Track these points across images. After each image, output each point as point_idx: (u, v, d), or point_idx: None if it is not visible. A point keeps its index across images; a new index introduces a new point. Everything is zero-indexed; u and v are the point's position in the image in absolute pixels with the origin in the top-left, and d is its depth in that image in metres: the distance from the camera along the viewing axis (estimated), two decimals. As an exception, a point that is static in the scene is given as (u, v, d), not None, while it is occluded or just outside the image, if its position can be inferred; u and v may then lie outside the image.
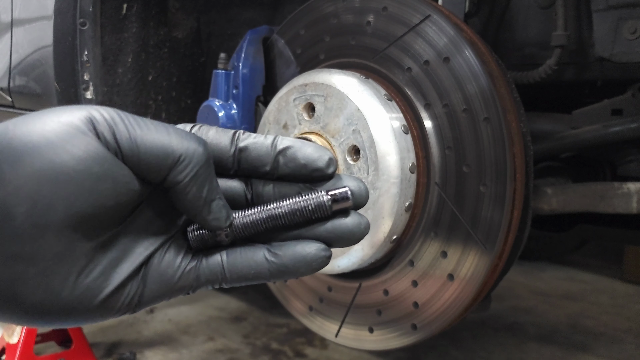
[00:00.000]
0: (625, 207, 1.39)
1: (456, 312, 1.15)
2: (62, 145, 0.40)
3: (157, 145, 0.42)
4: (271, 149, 0.47)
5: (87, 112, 0.42)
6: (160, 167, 0.43)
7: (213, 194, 0.45)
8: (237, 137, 0.48)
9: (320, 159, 0.47)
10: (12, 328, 1.85)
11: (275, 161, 0.47)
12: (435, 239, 1.17)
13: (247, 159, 0.48)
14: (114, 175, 0.41)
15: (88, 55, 1.53)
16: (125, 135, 0.42)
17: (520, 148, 1.12)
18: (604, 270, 3.26)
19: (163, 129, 0.43)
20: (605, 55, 1.32)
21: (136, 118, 0.43)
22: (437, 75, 1.14)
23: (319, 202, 0.46)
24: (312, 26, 1.37)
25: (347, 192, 0.46)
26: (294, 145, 0.48)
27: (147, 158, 0.42)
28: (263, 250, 0.47)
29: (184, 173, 0.43)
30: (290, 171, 0.48)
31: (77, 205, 0.40)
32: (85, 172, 0.40)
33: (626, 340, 2.32)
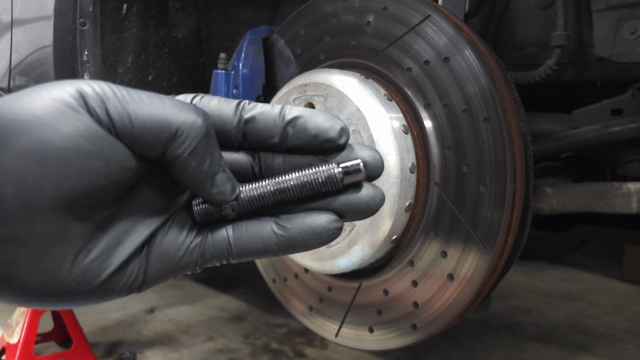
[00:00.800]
0: (625, 207, 1.39)
1: (456, 312, 1.15)
2: (50, 123, 0.38)
3: (152, 119, 0.40)
4: (279, 119, 0.45)
5: (77, 86, 0.40)
6: (156, 142, 0.40)
7: (216, 166, 0.42)
8: (241, 107, 0.45)
9: (331, 128, 0.44)
10: (12, 328, 1.85)
11: (284, 132, 0.45)
12: (435, 239, 1.17)
13: (254, 131, 0.45)
14: (105, 152, 0.39)
15: (88, 56, 1.53)
16: (118, 109, 0.40)
17: (520, 148, 1.12)
18: (604, 270, 3.26)
19: (158, 101, 0.41)
20: (605, 55, 1.32)
21: (129, 90, 0.41)
22: (437, 75, 1.14)
23: (330, 174, 0.44)
24: (312, 26, 1.37)
25: (360, 164, 0.44)
26: (303, 114, 0.45)
27: (141, 133, 0.40)
28: (271, 223, 0.45)
29: (182, 147, 0.41)
30: (300, 142, 0.45)
31: (66, 186, 0.38)
32: (74, 151, 0.38)
33: (626, 340, 2.32)
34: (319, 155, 0.45)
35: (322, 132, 0.44)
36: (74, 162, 0.38)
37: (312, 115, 0.45)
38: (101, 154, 0.39)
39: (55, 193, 0.38)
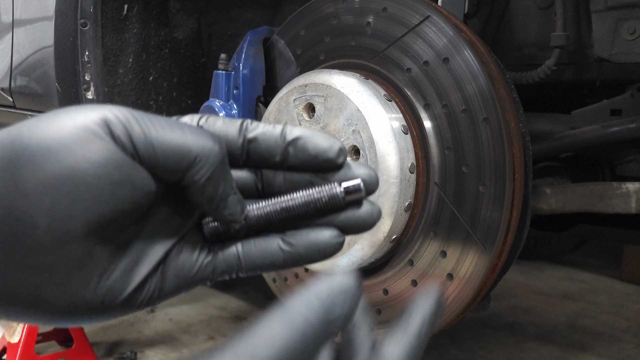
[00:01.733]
0: (624, 207, 1.40)
1: (455, 311, 1.16)
2: (79, 152, 0.39)
3: (173, 146, 0.42)
4: (280, 139, 0.47)
5: (101, 113, 0.41)
6: (176, 168, 0.42)
7: (228, 190, 0.44)
8: (245, 127, 0.47)
9: (330, 149, 0.46)
10: (13, 327, 1.86)
11: (285, 152, 0.47)
12: (435, 239, 1.17)
13: (256, 150, 0.47)
14: (132, 179, 0.41)
15: (89, 56, 1.53)
16: (141, 137, 0.41)
17: (519, 148, 1.12)
18: (603, 270, 3.27)
19: (178, 128, 0.43)
20: (604, 55, 1.32)
21: (150, 117, 0.43)
22: (436, 75, 1.15)
23: (333, 194, 0.46)
24: (312, 27, 1.37)
25: (360, 184, 0.47)
26: (303, 135, 0.47)
27: (164, 159, 0.42)
28: (277, 240, 0.47)
29: (200, 173, 0.43)
30: (300, 162, 0.47)
31: (97, 213, 0.40)
32: (105, 179, 0.40)
33: (625, 339, 2.33)
34: (318, 173, 0.48)
35: (321, 152, 0.46)
36: (104, 190, 0.40)
37: (312, 136, 0.47)
38: (129, 181, 0.41)
39: (85, 221, 0.40)
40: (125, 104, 1.64)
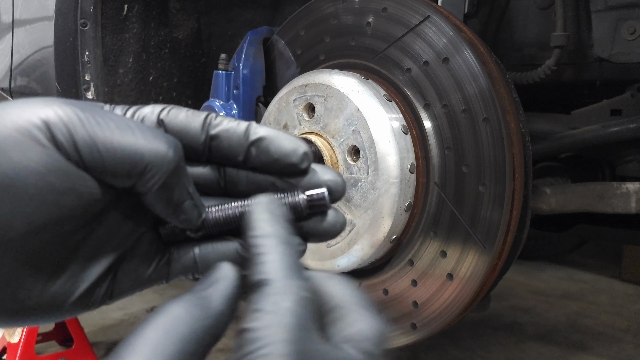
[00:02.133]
0: (624, 207, 1.40)
1: (455, 312, 1.16)
2: (19, 159, 0.38)
3: (123, 152, 0.39)
4: (243, 138, 0.44)
5: (44, 114, 0.39)
6: (127, 175, 0.40)
7: (184, 195, 0.42)
8: (208, 122, 0.45)
9: (294, 153, 0.44)
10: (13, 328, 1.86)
11: (248, 152, 0.45)
12: (435, 239, 1.18)
13: (219, 148, 0.45)
14: (77, 187, 0.39)
15: (89, 56, 1.53)
16: (87, 143, 0.39)
17: (519, 148, 1.12)
18: (603, 270, 3.27)
19: (129, 131, 0.40)
20: (604, 55, 1.32)
21: (100, 117, 0.40)
22: (436, 75, 1.15)
23: (295, 203, 0.45)
24: (312, 27, 1.37)
25: (325, 194, 0.45)
26: (267, 136, 0.44)
27: (112, 167, 0.40)
28: (235, 245, 0.46)
29: (153, 181, 0.40)
30: (262, 164, 0.45)
31: (39, 221, 0.39)
32: (47, 188, 0.38)
33: (625, 339, 2.33)
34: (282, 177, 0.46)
35: (283, 156, 0.44)
36: (45, 199, 0.38)
37: (275, 138, 0.44)
38: (73, 189, 0.39)
39: (27, 228, 0.38)
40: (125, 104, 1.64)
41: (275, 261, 0.37)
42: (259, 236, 0.39)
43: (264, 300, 0.34)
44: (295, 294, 0.35)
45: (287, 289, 0.35)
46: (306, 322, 0.34)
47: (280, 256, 0.37)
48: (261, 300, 0.34)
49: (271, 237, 0.39)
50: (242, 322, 0.34)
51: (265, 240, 0.38)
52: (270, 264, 0.37)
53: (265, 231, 0.39)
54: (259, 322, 0.33)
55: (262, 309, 0.34)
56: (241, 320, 0.35)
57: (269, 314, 0.33)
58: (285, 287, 0.35)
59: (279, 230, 0.40)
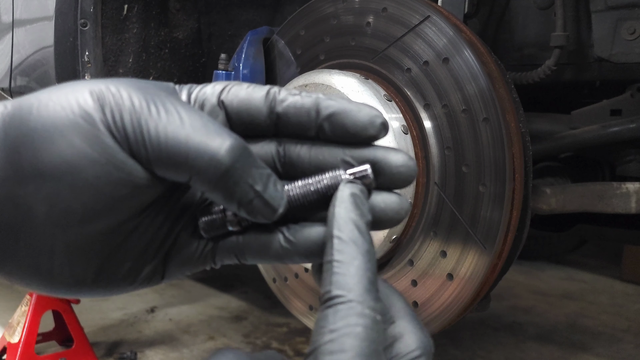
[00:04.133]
0: (624, 207, 1.40)
1: (455, 312, 1.16)
2: (80, 146, 0.38)
3: (171, 148, 0.38)
4: (314, 113, 0.42)
5: (100, 95, 0.39)
6: (177, 173, 0.39)
7: (248, 194, 0.39)
8: (272, 97, 0.42)
9: (371, 125, 0.41)
10: (13, 327, 1.86)
11: (320, 128, 0.42)
12: (435, 239, 1.18)
13: (287, 124, 0.43)
14: (133, 180, 0.39)
15: (89, 56, 1.53)
16: (138, 133, 0.38)
17: (519, 148, 1.12)
18: (603, 270, 3.27)
19: (178, 122, 0.38)
20: (604, 55, 1.32)
21: (150, 101, 0.39)
22: (436, 75, 1.15)
23: (335, 181, 0.41)
24: (312, 27, 1.37)
25: (368, 170, 0.41)
26: (340, 109, 0.41)
27: (161, 163, 0.39)
28: (279, 235, 0.43)
29: (204, 183, 0.39)
30: (336, 138, 0.42)
31: (96, 209, 0.39)
32: (105, 179, 0.38)
33: (625, 339, 2.33)
34: (350, 149, 0.43)
35: (361, 129, 0.41)
36: (104, 189, 0.39)
37: (350, 111, 0.41)
38: (130, 181, 0.39)
39: (84, 214, 0.39)
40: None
41: (355, 275, 0.36)
42: (343, 239, 0.37)
43: (340, 320, 0.34)
44: (370, 317, 0.34)
45: (363, 312, 0.34)
46: (377, 346, 0.34)
47: (361, 271, 0.36)
48: (337, 320, 0.34)
49: (354, 244, 0.37)
50: (315, 339, 0.34)
51: (348, 247, 0.37)
52: (348, 277, 0.35)
53: (351, 236, 0.37)
54: (334, 345, 0.33)
55: (337, 330, 0.33)
56: (314, 336, 0.34)
57: (345, 337, 0.33)
58: (361, 308, 0.34)
59: (364, 236, 0.38)
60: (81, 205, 0.39)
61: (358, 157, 0.42)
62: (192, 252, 0.45)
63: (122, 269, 0.43)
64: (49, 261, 0.40)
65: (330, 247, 0.37)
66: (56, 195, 0.38)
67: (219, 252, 0.45)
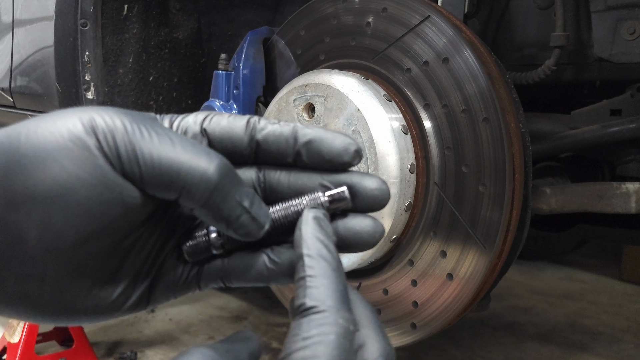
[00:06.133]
0: (624, 207, 1.40)
1: (455, 311, 1.16)
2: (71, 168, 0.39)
3: (160, 166, 0.40)
4: (291, 140, 0.44)
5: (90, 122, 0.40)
6: (164, 190, 0.41)
7: (236, 210, 0.41)
8: (252, 126, 0.44)
9: (346, 152, 0.43)
10: (13, 327, 1.86)
11: (297, 154, 0.44)
12: (435, 239, 1.18)
13: (266, 152, 0.45)
14: (124, 199, 0.40)
15: (89, 56, 1.53)
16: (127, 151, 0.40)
17: (519, 148, 1.12)
18: (603, 270, 3.27)
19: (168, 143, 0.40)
20: (604, 55, 1.33)
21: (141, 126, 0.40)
22: (436, 75, 1.15)
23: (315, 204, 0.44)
24: (312, 27, 1.37)
25: (345, 191, 0.44)
26: (316, 137, 0.44)
27: (149, 180, 0.40)
28: (263, 257, 0.45)
29: (194, 200, 0.41)
30: (312, 165, 0.44)
31: (87, 231, 0.40)
32: (96, 199, 0.39)
33: (625, 339, 2.33)
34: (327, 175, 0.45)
35: (336, 156, 0.44)
36: (95, 210, 0.39)
37: (325, 138, 0.44)
38: (120, 200, 0.40)
39: (76, 237, 0.40)
40: (126, 104, 1.64)
41: (327, 288, 0.38)
42: (312, 256, 0.39)
43: (313, 329, 0.35)
44: (343, 327, 0.36)
45: (336, 321, 0.36)
46: (349, 356, 0.35)
47: (332, 283, 0.38)
48: (310, 328, 0.35)
49: (323, 260, 0.39)
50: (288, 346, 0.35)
51: (318, 263, 0.39)
52: (321, 289, 0.37)
53: (318, 252, 0.39)
54: (306, 352, 0.34)
55: (310, 338, 0.35)
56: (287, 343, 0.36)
57: (318, 344, 0.34)
58: (334, 318, 0.36)
59: (332, 253, 0.40)
60: (73, 228, 0.39)
61: (335, 181, 0.45)
62: (177, 277, 0.47)
63: (113, 294, 0.44)
64: (39, 288, 0.40)
65: (302, 265, 0.39)
66: (48, 219, 0.39)
67: (204, 276, 0.47)
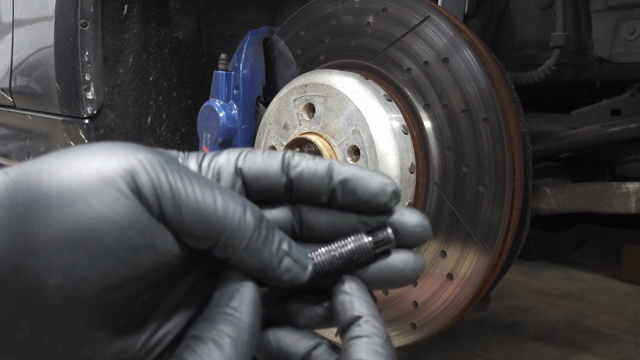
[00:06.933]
0: (624, 207, 1.40)
1: (455, 312, 1.16)
2: (100, 210, 0.36)
3: (202, 214, 0.38)
4: (327, 178, 0.42)
5: (128, 164, 0.37)
6: (204, 239, 0.38)
7: (277, 255, 0.40)
8: (287, 163, 0.43)
9: (383, 193, 0.42)
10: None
11: (332, 193, 0.42)
12: (435, 239, 1.18)
13: (300, 189, 0.43)
14: (155, 243, 0.37)
15: (89, 56, 1.53)
16: (170, 198, 0.37)
17: (519, 148, 1.12)
18: (603, 270, 3.27)
19: (208, 191, 0.38)
20: (604, 55, 1.33)
21: (181, 172, 0.38)
22: (436, 75, 1.15)
23: (361, 246, 0.43)
24: (312, 27, 1.37)
25: (390, 234, 0.43)
26: (352, 176, 0.42)
27: (190, 228, 0.38)
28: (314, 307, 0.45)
29: (232, 249, 0.39)
30: (347, 205, 0.43)
31: (114, 278, 0.36)
32: (126, 244, 0.36)
33: (625, 339, 2.33)
34: (364, 220, 0.44)
35: (372, 197, 0.42)
36: (124, 255, 0.36)
37: (362, 177, 0.42)
38: (152, 246, 0.37)
39: (101, 286, 0.36)
40: (125, 104, 1.64)
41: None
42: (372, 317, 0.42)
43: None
44: None
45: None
46: None
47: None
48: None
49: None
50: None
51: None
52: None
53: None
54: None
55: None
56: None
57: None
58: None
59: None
60: (99, 275, 0.36)
61: (375, 218, 0.43)
62: None
63: (137, 344, 0.40)
64: (53, 340, 0.37)
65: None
66: (72, 265, 0.35)
67: None
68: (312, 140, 1.21)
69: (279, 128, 1.31)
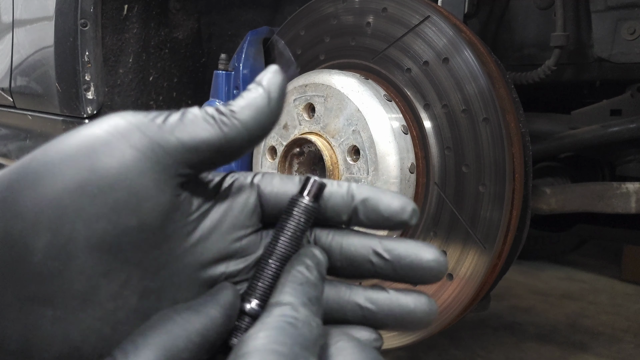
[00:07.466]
0: (624, 207, 1.40)
1: (455, 312, 1.16)
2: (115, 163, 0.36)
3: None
4: (348, 198, 0.43)
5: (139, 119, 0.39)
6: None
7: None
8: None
9: (404, 211, 0.43)
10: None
11: (354, 212, 0.44)
12: (435, 239, 1.18)
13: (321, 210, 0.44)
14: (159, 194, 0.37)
15: (89, 56, 1.53)
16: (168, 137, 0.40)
17: (519, 148, 1.12)
18: (603, 270, 3.27)
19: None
20: (604, 55, 1.33)
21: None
22: (436, 75, 1.15)
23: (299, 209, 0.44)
24: (312, 27, 1.37)
25: (314, 178, 0.44)
26: (372, 195, 0.43)
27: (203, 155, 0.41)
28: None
29: None
30: (368, 222, 0.44)
31: (100, 227, 0.35)
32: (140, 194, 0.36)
33: (625, 339, 2.33)
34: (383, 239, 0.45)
35: (394, 214, 0.43)
36: (129, 204, 0.36)
37: (382, 197, 0.43)
38: (154, 196, 0.37)
39: (87, 233, 0.35)
40: (126, 104, 1.64)
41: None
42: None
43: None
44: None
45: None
46: None
47: None
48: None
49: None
50: None
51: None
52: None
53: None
54: None
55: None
56: None
57: None
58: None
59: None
60: (84, 227, 0.35)
61: (390, 249, 0.45)
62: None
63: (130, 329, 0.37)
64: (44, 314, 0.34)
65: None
66: (60, 217, 0.34)
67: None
68: (312, 140, 1.21)
69: (278, 128, 1.31)
